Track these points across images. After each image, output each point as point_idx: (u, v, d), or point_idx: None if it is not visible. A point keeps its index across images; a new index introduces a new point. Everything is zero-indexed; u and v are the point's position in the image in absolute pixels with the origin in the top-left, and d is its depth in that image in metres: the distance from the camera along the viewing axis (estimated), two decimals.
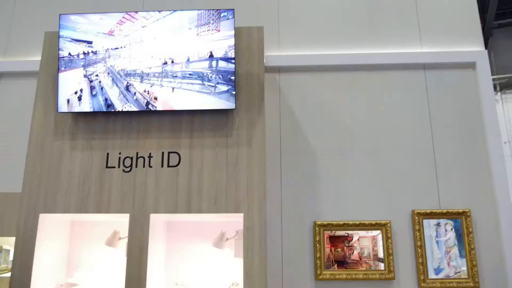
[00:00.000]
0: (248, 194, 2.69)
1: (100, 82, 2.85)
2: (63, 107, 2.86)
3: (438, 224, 3.12)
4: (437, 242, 3.09)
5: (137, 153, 2.81)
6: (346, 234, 3.13)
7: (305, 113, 3.39)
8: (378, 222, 3.14)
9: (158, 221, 2.84)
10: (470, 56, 3.42)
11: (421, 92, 3.40)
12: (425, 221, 3.13)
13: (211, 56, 2.80)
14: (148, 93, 2.81)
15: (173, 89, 2.80)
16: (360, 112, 3.38)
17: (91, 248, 3.07)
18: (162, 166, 2.78)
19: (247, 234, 2.64)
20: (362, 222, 3.14)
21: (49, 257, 2.85)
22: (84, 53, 2.89)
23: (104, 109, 2.83)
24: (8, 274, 3.08)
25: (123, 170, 2.79)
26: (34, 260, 2.69)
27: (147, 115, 2.88)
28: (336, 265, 3.09)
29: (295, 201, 3.22)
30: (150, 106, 2.80)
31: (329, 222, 3.14)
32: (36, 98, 2.99)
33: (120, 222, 2.85)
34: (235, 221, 2.82)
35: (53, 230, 2.91)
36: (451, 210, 3.14)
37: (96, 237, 3.05)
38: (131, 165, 2.79)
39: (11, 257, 3.13)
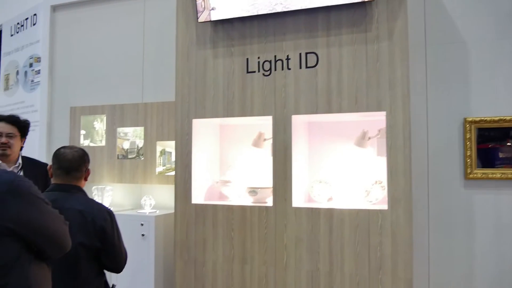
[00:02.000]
0: (390, 91, 2.58)
1: None
2: (202, 17, 2.96)
3: None
4: None
5: (275, 56, 2.84)
6: (501, 131, 2.86)
7: None
8: None
9: (299, 122, 2.91)
10: None
11: None
12: None
13: None
14: None
15: None
16: None
17: (239, 149, 3.31)
18: (300, 67, 2.77)
19: (390, 133, 2.57)
20: None
21: (204, 157, 3.15)
22: None
23: (240, 15, 2.86)
24: (172, 173, 3.51)
25: (263, 74, 2.86)
26: (192, 161, 3.01)
27: (281, 17, 2.83)
28: (488, 163, 2.89)
29: (442, 96, 3.00)
30: (283, 7, 2.75)
31: (482, 118, 2.89)
32: (177, 11, 3.14)
33: (264, 124, 2.99)
34: (377, 119, 2.75)
35: (205, 133, 3.18)
36: None
37: (243, 139, 3.26)
38: (270, 69, 2.84)
39: (173, 158, 3.54)
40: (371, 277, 2.55)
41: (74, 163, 2.16)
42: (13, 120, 2.68)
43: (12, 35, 4.93)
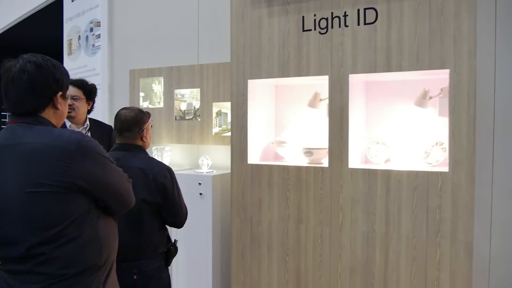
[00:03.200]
0: (455, 48, 2.43)
1: None
2: None
3: None
4: None
5: (331, 13, 2.74)
6: None
7: None
8: None
9: (357, 82, 2.83)
10: None
11: None
12: None
13: None
14: None
15: None
16: None
17: (294, 110, 3.29)
18: (358, 24, 2.67)
19: (453, 92, 2.45)
20: None
21: (259, 118, 3.16)
22: None
23: None
24: (228, 134, 3.56)
25: (319, 32, 2.78)
26: (248, 121, 3.03)
27: None
28: None
29: None
30: None
31: None
32: None
33: (320, 84, 2.93)
34: (439, 78, 2.62)
35: (260, 94, 3.17)
36: None
37: (298, 99, 3.23)
38: (326, 26, 2.76)
39: (229, 119, 3.58)
40: (429, 239, 2.51)
41: (125, 123, 2.23)
42: (78, 83, 2.82)
43: (72, 1, 5.08)
